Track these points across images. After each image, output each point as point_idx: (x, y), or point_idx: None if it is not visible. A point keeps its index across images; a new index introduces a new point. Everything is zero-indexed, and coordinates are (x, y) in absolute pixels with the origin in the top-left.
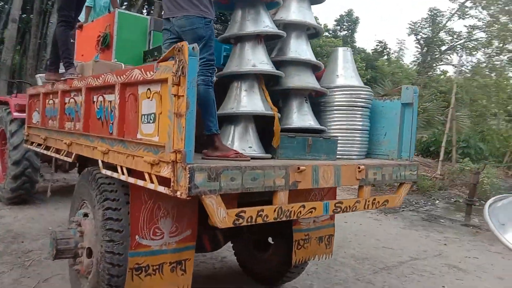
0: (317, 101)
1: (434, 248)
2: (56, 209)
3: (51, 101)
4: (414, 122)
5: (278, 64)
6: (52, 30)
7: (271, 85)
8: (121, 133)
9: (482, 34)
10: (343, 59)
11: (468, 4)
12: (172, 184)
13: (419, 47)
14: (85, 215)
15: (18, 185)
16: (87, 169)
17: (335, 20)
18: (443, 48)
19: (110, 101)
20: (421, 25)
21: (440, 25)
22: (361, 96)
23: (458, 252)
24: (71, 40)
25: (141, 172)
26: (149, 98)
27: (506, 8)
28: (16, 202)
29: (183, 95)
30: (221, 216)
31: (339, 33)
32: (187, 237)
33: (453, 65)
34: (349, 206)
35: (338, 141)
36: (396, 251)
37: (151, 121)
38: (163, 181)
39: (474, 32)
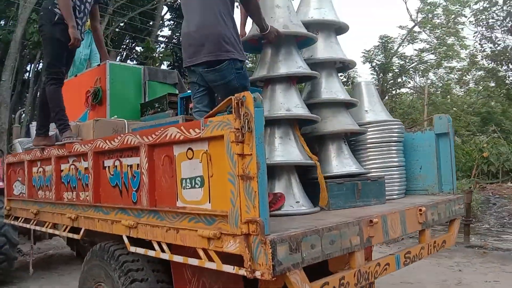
0: (348, 140)
1: (452, 276)
2: (41, 286)
3: (40, 169)
4: (452, 152)
5: (309, 106)
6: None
7: (305, 130)
8: (153, 201)
9: (432, 56)
10: (367, 93)
11: (416, 29)
12: (249, 263)
13: (375, 73)
14: None
15: None
16: (99, 245)
17: None
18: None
19: (130, 165)
20: (374, 53)
21: (392, 51)
22: (394, 130)
23: (476, 277)
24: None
25: (183, 247)
26: (190, 159)
27: (451, 30)
28: None
29: (250, 154)
30: None
31: None
32: None
33: (409, 88)
34: (416, 255)
35: None
36: (416, 285)
37: (196, 186)
38: (226, 258)
39: (424, 55)
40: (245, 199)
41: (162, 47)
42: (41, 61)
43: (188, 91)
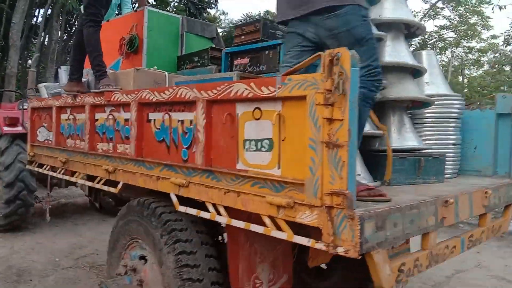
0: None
1: (471, 257)
2: (55, 235)
3: (70, 117)
4: None
5: None
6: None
7: None
8: (208, 161)
9: (451, 34)
10: (429, 63)
11: (439, 4)
12: (331, 238)
13: None
14: (142, 258)
15: (12, 210)
16: (138, 201)
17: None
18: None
19: (181, 121)
20: None
21: None
22: (455, 106)
23: (495, 260)
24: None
25: (239, 210)
26: (257, 119)
27: (475, 9)
28: (9, 229)
29: (341, 119)
30: (387, 274)
31: None
32: (284, 284)
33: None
34: (477, 239)
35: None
36: (434, 265)
37: (263, 149)
38: (297, 228)
39: (443, 32)
40: (330, 169)
41: (176, 1)
42: (51, 6)
43: (232, 47)
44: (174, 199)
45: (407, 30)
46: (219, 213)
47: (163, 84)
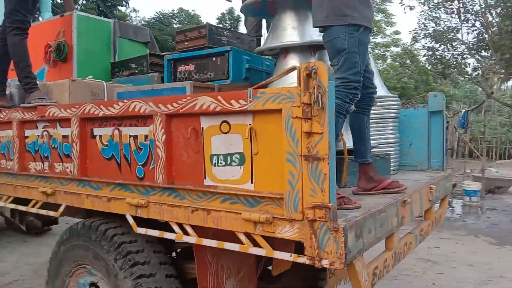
0: None
1: None
2: None
3: None
4: (443, 130)
5: None
6: None
7: None
8: (169, 178)
9: None
10: None
11: None
12: (316, 251)
13: None
14: (93, 285)
15: None
16: (83, 223)
17: (217, 18)
18: None
19: (134, 136)
20: None
21: None
22: (392, 106)
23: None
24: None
25: (202, 228)
26: (225, 133)
27: (380, 7)
28: None
29: (321, 133)
30: (365, 280)
31: None
32: None
33: None
34: (426, 231)
35: None
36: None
37: (233, 164)
38: (276, 243)
39: None
40: (310, 182)
41: None
42: None
43: (175, 54)
44: (131, 220)
45: None
46: (185, 233)
47: (101, 94)
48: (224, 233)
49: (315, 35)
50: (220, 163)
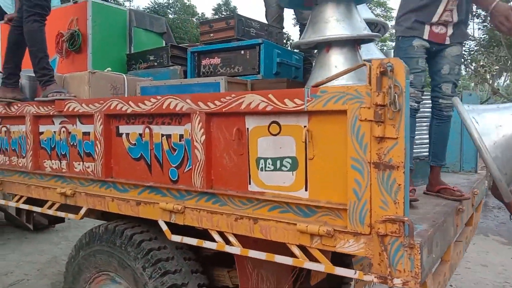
0: None
1: None
2: None
3: (3, 128)
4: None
5: None
6: None
7: None
8: (209, 182)
9: None
10: None
11: None
12: (388, 269)
13: None
14: None
15: None
16: (105, 227)
17: (213, 9)
18: None
19: (168, 135)
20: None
21: None
22: (427, 106)
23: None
24: None
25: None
26: (274, 135)
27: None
28: None
29: (396, 138)
30: None
31: None
32: None
33: None
34: (470, 238)
35: None
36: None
37: (284, 168)
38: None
39: None
40: (380, 193)
41: None
42: None
43: (199, 47)
44: (164, 227)
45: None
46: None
47: (121, 88)
48: (266, 242)
49: (362, 29)
50: (268, 167)
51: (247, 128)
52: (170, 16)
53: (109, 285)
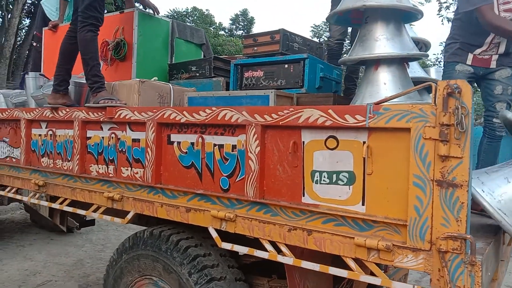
0: None
1: None
2: (0, 260)
3: (48, 132)
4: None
5: None
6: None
7: None
8: (261, 193)
9: None
10: (437, 78)
11: None
12: (448, 285)
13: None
14: None
15: None
16: (150, 232)
17: (230, 19)
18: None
19: (220, 145)
20: (323, 28)
21: None
22: None
23: None
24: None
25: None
26: (331, 149)
27: None
28: None
29: (461, 157)
30: None
31: (235, 32)
32: None
33: None
34: (508, 257)
35: None
36: None
37: (341, 182)
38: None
39: None
40: (442, 210)
41: None
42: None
43: (242, 59)
44: (214, 234)
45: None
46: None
47: (167, 97)
48: (312, 253)
49: (411, 47)
50: (324, 180)
51: (303, 141)
52: (188, 24)
53: None
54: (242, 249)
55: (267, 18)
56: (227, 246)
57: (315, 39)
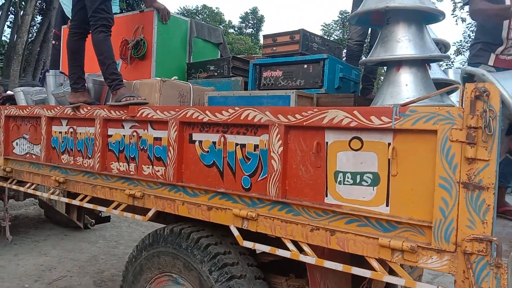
0: None
1: None
2: (16, 255)
3: (69, 130)
4: None
5: None
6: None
7: None
8: (283, 192)
9: None
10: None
11: None
12: (473, 287)
13: None
14: None
15: None
16: (171, 229)
17: (240, 17)
18: None
19: (242, 145)
20: (333, 27)
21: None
22: None
23: None
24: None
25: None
26: (356, 150)
27: None
28: None
29: (487, 160)
30: None
31: (244, 30)
32: None
33: None
34: None
35: None
36: None
37: (365, 183)
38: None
39: None
40: (468, 212)
41: None
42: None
43: (261, 59)
44: (236, 232)
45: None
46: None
47: (187, 96)
48: (332, 253)
49: (433, 49)
50: (347, 181)
51: (326, 142)
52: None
53: (171, 286)
54: (264, 248)
55: (276, 16)
56: (248, 244)
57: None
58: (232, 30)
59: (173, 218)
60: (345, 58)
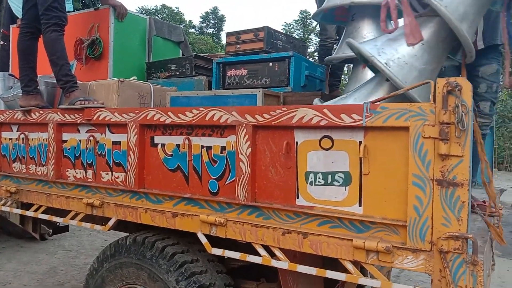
0: None
1: None
2: None
3: (20, 136)
4: (492, 143)
5: None
6: None
7: None
8: (253, 195)
9: None
10: None
11: None
12: (450, 285)
13: None
14: None
15: None
16: (133, 238)
17: (201, 17)
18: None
19: (208, 147)
20: (293, 27)
21: (310, 27)
22: None
23: None
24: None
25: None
26: (326, 149)
27: None
28: None
29: (461, 156)
30: None
31: (205, 30)
32: None
33: None
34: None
35: None
36: None
37: (336, 183)
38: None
39: None
40: (442, 210)
41: None
42: None
43: (225, 58)
44: (203, 240)
45: None
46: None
47: (147, 97)
48: (303, 256)
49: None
50: (318, 181)
51: (296, 142)
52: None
53: None
54: (234, 255)
55: (237, 16)
56: (217, 252)
57: None
58: (193, 30)
59: (136, 226)
60: (318, 57)
